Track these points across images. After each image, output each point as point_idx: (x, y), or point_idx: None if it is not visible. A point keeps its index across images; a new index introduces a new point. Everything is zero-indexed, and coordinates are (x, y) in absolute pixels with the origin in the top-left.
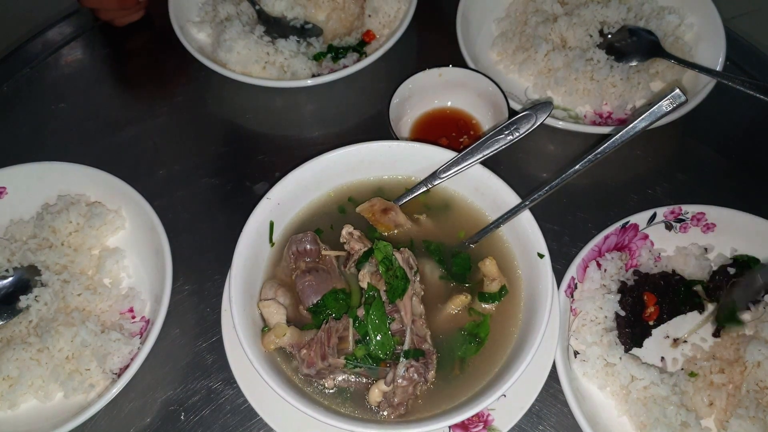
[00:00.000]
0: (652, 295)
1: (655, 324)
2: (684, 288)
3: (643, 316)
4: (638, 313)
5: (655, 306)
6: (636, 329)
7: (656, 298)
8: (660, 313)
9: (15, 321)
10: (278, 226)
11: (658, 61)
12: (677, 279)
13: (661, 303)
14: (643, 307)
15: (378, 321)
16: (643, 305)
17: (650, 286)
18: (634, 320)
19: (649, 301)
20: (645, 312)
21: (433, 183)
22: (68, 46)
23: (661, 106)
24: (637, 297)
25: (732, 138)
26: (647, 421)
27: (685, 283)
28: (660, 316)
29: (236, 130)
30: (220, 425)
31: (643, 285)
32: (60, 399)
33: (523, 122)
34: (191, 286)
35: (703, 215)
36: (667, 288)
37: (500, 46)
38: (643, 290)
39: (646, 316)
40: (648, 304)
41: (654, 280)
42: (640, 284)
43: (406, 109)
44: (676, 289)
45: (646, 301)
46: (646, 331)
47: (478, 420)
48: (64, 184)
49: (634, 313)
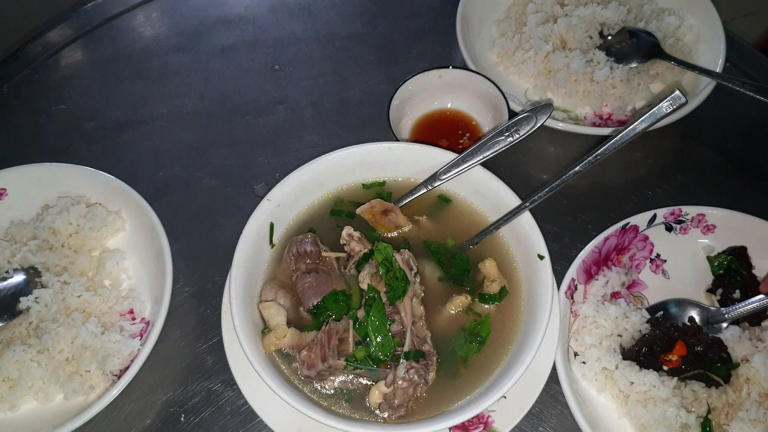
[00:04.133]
0: (684, 348)
1: (666, 371)
2: (719, 365)
3: (660, 356)
4: (658, 349)
5: (679, 359)
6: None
7: (686, 353)
8: (678, 367)
9: (15, 322)
10: (278, 227)
11: (658, 63)
12: (724, 356)
13: (688, 361)
14: (668, 349)
15: (378, 322)
16: (670, 347)
17: (689, 338)
18: (649, 352)
19: (677, 350)
20: (666, 355)
21: (434, 184)
22: (68, 47)
23: (661, 108)
24: (667, 337)
25: (732, 139)
26: (647, 423)
27: (724, 363)
28: (675, 370)
29: (236, 131)
30: (221, 427)
31: (684, 335)
32: (60, 400)
33: (523, 124)
34: (191, 287)
35: (703, 216)
36: (704, 355)
37: (500, 48)
38: (680, 337)
39: (664, 359)
40: (675, 351)
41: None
42: (681, 330)
43: (406, 110)
44: (712, 363)
45: (675, 348)
46: (657, 368)
47: (478, 421)
48: (65, 186)
49: (653, 345)
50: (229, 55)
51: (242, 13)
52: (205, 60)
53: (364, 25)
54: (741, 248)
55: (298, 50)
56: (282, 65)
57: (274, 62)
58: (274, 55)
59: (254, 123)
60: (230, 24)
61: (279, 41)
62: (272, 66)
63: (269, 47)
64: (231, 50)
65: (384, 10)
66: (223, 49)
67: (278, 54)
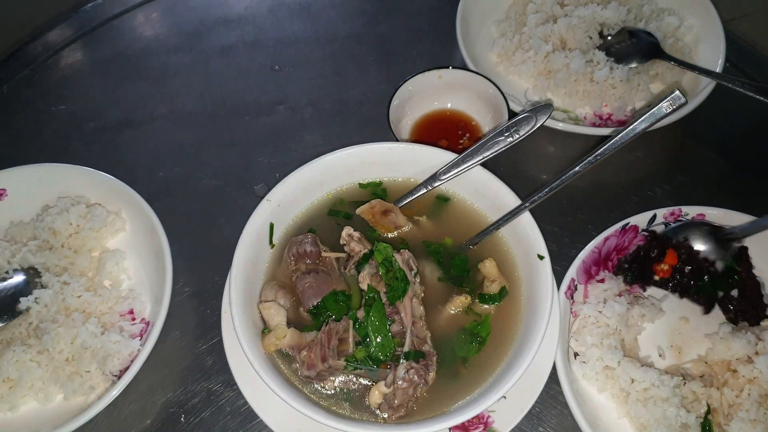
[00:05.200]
0: (675, 256)
1: (657, 281)
2: (709, 280)
3: (654, 265)
4: (650, 260)
5: (670, 267)
6: (639, 270)
7: (677, 262)
8: (670, 277)
9: (15, 323)
10: (278, 227)
11: (657, 63)
12: (711, 269)
13: (678, 271)
14: (659, 259)
15: (378, 323)
16: (661, 256)
17: (681, 251)
18: (643, 263)
19: (668, 258)
20: (658, 264)
21: (433, 185)
22: (68, 47)
23: (661, 108)
24: (661, 247)
25: (732, 139)
26: (647, 423)
27: (713, 277)
28: (666, 280)
29: (236, 131)
30: (221, 427)
31: (676, 247)
32: (60, 401)
33: (523, 124)
34: (191, 287)
35: (702, 216)
36: (692, 265)
37: (500, 48)
38: (670, 246)
39: (657, 268)
40: (666, 260)
41: (690, 253)
42: (674, 243)
43: (406, 110)
44: (700, 275)
45: (666, 256)
46: (646, 280)
47: (478, 422)
48: (64, 186)
49: (646, 257)
50: (229, 55)
51: (242, 14)
52: (205, 60)
53: (364, 25)
54: (741, 248)
55: (298, 50)
56: (282, 65)
57: (273, 62)
58: (274, 55)
59: (254, 123)
60: (230, 24)
61: (279, 41)
62: (272, 66)
63: (269, 47)
64: (231, 50)
65: (384, 11)
66: (223, 50)
67: (278, 54)
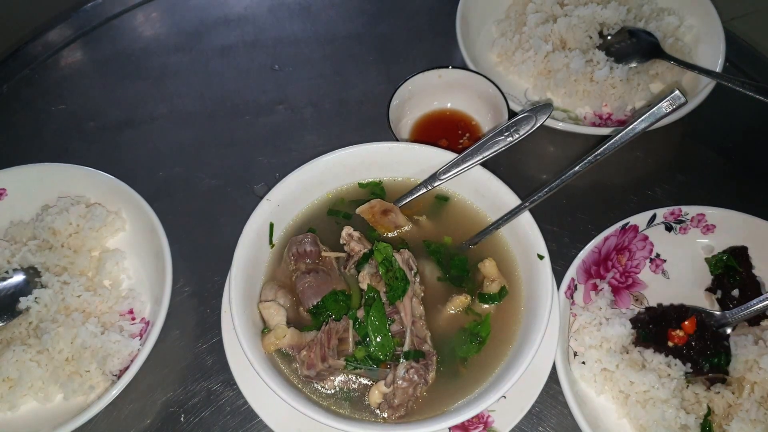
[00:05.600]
0: (694, 325)
1: (670, 348)
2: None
3: (668, 330)
4: (665, 325)
5: (686, 335)
6: (654, 331)
7: (694, 332)
8: (684, 345)
9: (15, 322)
10: (278, 227)
11: (657, 63)
12: (726, 345)
13: (694, 341)
14: (676, 325)
15: (378, 322)
16: (679, 323)
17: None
18: (659, 322)
19: (688, 327)
20: (673, 330)
21: (433, 184)
22: (68, 47)
23: (661, 108)
24: (678, 313)
25: (731, 139)
26: (647, 424)
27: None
28: (680, 348)
29: (236, 131)
30: (220, 427)
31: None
32: (60, 401)
33: (522, 124)
34: (191, 287)
35: (702, 216)
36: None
37: (500, 48)
38: (689, 317)
39: (671, 333)
40: (684, 327)
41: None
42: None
43: (406, 110)
44: (718, 351)
45: (686, 325)
46: (659, 343)
47: (478, 421)
48: (64, 186)
49: (665, 320)
50: (228, 55)
51: (242, 13)
52: (205, 60)
53: (364, 25)
54: (741, 248)
55: (298, 50)
56: (282, 65)
57: (273, 62)
58: (273, 55)
59: (254, 123)
60: (230, 24)
61: (279, 41)
62: (272, 66)
63: (269, 47)
64: (231, 50)
65: (384, 10)
66: (222, 49)
67: (278, 54)
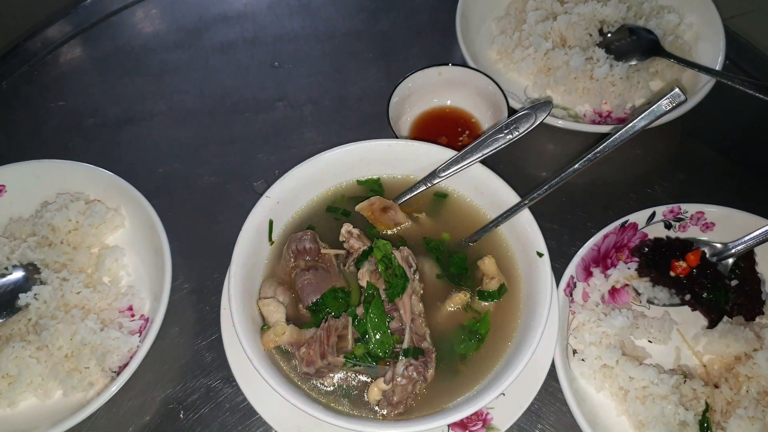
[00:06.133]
0: (698, 258)
1: (671, 278)
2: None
3: (672, 261)
4: (671, 254)
5: (688, 267)
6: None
7: (697, 264)
8: (687, 276)
9: (14, 319)
10: (278, 224)
11: (657, 60)
12: (726, 283)
13: (696, 274)
14: (680, 255)
15: (377, 319)
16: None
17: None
18: (663, 254)
19: (691, 258)
20: (676, 261)
21: (433, 182)
22: (68, 44)
23: (661, 105)
24: (682, 246)
25: (731, 137)
26: (646, 420)
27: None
28: (680, 279)
29: (235, 128)
30: (219, 423)
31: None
32: (59, 397)
33: (522, 121)
34: (190, 284)
35: (702, 214)
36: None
37: (500, 45)
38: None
39: (675, 264)
40: (688, 259)
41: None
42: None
43: (406, 107)
44: (715, 282)
45: (690, 257)
46: (661, 271)
47: (477, 419)
48: (64, 182)
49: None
50: (228, 52)
51: (242, 10)
52: (205, 57)
53: (364, 22)
54: None
55: (298, 47)
56: (281, 62)
57: (273, 59)
58: (273, 52)
59: (253, 120)
60: (230, 21)
61: (278, 38)
62: (272, 63)
63: (269, 44)
64: (230, 47)
65: (383, 7)
66: (222, 46)
67: (278, 51)
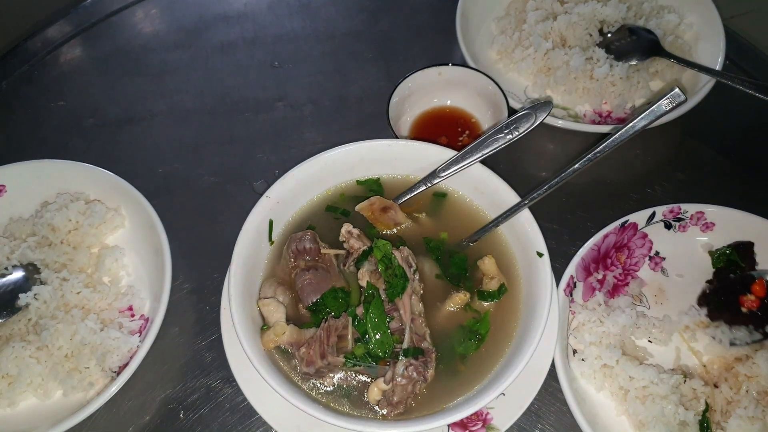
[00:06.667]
0: (763, 288)
1: (745, 314)
2: None
3: (740, 297)
4: (735, 291)
5: (757, 299)
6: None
7: (765, 294)
8: (760, 308)
9: (14, 319)
10: (278, 224)
11: (657, 60)
12: None
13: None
14: (746, 290)
15: (377, 319)
16: (748, 288)
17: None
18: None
19: (758, 290)
20: (744, 295)
21: (433, 182)
22: (68, 44)
23: (661, 105)
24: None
25: (731, 137)
26: (646, 420)
27: None
28: (756, 313)
29: (235, 128)
30: (219, 423)
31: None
32: (59, 397)
33: (522, 121)
34: (190, 284)
35: (702, 214)
36: None
37: (500, 45)
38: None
39: (743, 299)
40: (755, 292)
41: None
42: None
43: (406, 107)
44: None
45: (756, 288)
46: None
47: (477, 419)
48: (64, 182)
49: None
50: (228, 52)
51: (242, 10)
52: (205, 57)
53: (364, 22)
54: (747, 243)
55: (298, 47)
56: (281, 62)
57: (273, 59)
58: (273, 52)
59: (254, 120)
60: (230, 21)
61: (278, 38)
62: (272, 63)
63: (269, 44)
64: (230, 47)
65: (384, 7)
66: (222, 46)
67: (278, 51)
